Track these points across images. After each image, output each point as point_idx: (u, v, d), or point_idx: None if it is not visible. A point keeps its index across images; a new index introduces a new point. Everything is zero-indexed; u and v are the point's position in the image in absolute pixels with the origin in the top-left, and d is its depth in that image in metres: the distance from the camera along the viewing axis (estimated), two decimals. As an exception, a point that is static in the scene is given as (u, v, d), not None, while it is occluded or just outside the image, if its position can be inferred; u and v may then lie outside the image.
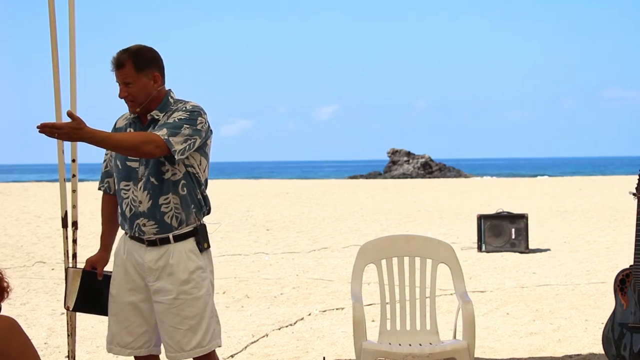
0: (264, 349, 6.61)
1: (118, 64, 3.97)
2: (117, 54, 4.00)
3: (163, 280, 4.03)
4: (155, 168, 3.97)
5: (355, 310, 4.81)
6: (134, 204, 4.02)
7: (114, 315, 4.18)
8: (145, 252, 4.06)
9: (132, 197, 4.03)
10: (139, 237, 4.06)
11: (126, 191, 4.05)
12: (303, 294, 9.16)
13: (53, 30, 4.87)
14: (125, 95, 3.99)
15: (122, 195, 4.07)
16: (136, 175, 4.01)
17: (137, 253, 4.08)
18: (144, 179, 3.99)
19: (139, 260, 4.07)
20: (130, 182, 4.03)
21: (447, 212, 20.56)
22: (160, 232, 4.01)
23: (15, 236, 15.43)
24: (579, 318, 7.62)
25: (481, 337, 6.74)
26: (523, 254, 12.46)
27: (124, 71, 3.96)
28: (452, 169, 54.76)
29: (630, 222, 16.04)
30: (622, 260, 11.13)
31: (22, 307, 8.48)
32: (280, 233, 15.80)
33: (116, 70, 3.98)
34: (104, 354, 6.59)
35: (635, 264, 5.28)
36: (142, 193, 3.99)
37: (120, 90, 4.00)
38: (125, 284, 4.11)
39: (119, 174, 4.08)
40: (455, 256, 5.16)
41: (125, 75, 3.96)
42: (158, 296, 4.05)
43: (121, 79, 3.98)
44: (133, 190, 4.02)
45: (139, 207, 4.01)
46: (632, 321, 5.29)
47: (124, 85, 3.98)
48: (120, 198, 4.09)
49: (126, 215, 4.06)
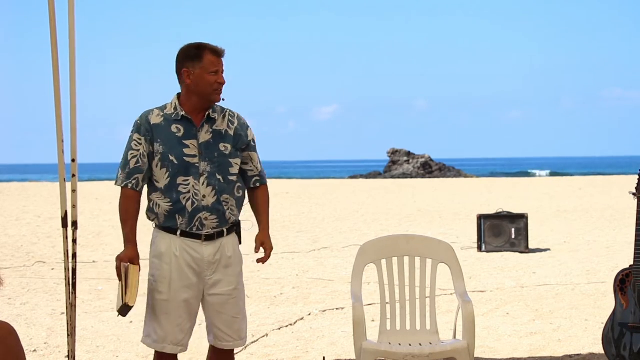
0: (264, 349, 6.61)
1: (223, 53, 4.22)
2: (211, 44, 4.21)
3: (221, 273, 4.23)
4: (224, 168, 4.21)
5: (355, 310, 4.81)
6: (196, 198, 4.16)
7: (166, 314, 4.22)
8: (202, 247, 4.20)
9: (194, 192, 4.16)
10: (196, 232, 4.17)
11: (185, 186, 4.16)
12: (303, 294, 9.16)
13: (53, 30, 4.87)
14: (224, 82, 4.22)
15: (180, 190, 4.16)
16: (197, 171, 4.17)
17: (192, 249, 4.19)
18: (207, 175, 4.17)
19: (196, 256, 4.19)
20: (190, 177, 4.17)
21: (447, 212, 20.56)
22: (219, 226, 4.20)
23: (15, 236, 15.43)
24: (579, 318, 7.62)
25: (481, 337, 6.74)
26: (523, 253, 12.46)
27: (223, 61, 4.23)
28: (452, 169, 54.74)
29: (630, 222, 16.03)
30: (622, 260, 11.13)
31: (22, 307, 8.48)
32: (280, 233, 15.80)
33: (220, 58, 4.22)
34: (104, 353, 6.59)
35: (635, 264, 5.29)
36: (205, 188, 4.16)
37: (221, 76, 4.21)
38: (179, 282, 4.19)
39: (174, 169, 4.16)
40: (455, 256, 5.16)
41: (223, 64, 4.24)
42: (217, 289, 4.23)
43: (222, 67, 4.22)
44: (194, 185, 4.17)
45: (202, 202, 4.16)
46: (632, 321, 5.29)
47: (222, 73, 4.22)
48: (177, 193, 4.16)
49: (186, 209, 4.15)
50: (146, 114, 4.25)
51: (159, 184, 4.20)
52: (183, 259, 4.18)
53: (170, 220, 4.20)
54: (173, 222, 4.19)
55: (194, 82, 4.20)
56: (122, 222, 4.26)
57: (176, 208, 4.17)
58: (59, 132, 4.93)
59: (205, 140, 4.21)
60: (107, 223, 17.85)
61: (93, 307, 8.51)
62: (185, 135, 4.20)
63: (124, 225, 4.26)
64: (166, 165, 4.18)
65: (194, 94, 4.22)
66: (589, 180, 41.57)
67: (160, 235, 4.24)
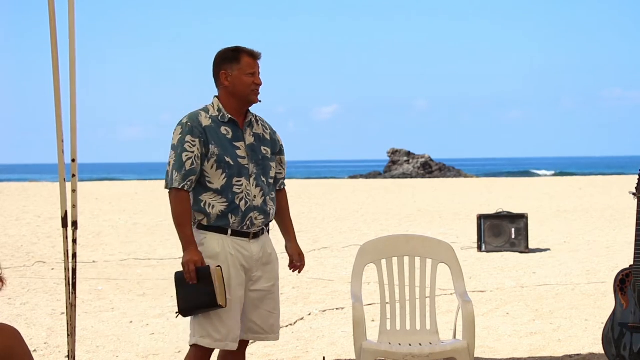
0: (264, 349, 6.61)
1: (259, 56, 4.36)
2: (248, 47, 4.34)
3: (262, 270, 4.37)
4: (267, 170, 4.40)
5: (355, 310, 4.82)
6: (248, 198, 4.29)
7: (228, 312, 4.25)
8: (250, 245, 4.32)
9: (246, 192, 4.29)
10: (245, 230, 4.28)
11: (239, 187, 4.27)
12: (303, 294, 9.16)
13: (53, 30, 4.87)
14: (261, 83, 4.35)
15: (234, 190, 4.26)
16: (247, 172, 4.30)
17: (242, 247, 4.30)
18: (254, 176, 4.33)
19: (246, 254, 4.30)
20: (242, 178, 4.29)
21: (447, 212, 20.56)
22: (263, 224, 4.37)
23: (15, 236, 15.43)
24: (579, 318, 7.62)
25: (481, 337, 6.74)
26: (523, 253, 12.47)
27: (259, 63, 4.36)
28: (452, 169, 54.74)
29: (630, 222, 16.02)
30: (622, 260, 11.13)
31: (22, 307, 8.48)
32: (280, 233, 15.80)
33: (257, 60, 4.34)
34: (104, 353, 6.59)
35: (635, 264, 5.29)
36: (254, 189, 4.32)
37: (258, 77, 4.33)
38: (236, 279, 4.27)
39: (230, 170, 4.26)
40: (455, 256, 5.16)
41: (259, 67, 4.36)
42: (258, 284, 4.36)
43: (259, 69, 4.34)
44: (246, 186, 4.29)
45: (253, 202, 4.30)
46: (632, 321, 5.29)
47: (259, 75, 4.34)
48: (232, 193, 4.25)
49: (240, 209, 4.26)
50: (195, 116, 4.29)
51: (213, 185, 4.26)
52: (237, 258, 4.27)
53: (222, 219, 4.26)
54: (225, 222, 4.26)
55: (232, 84, 4.31)
56: (180, 225, 4.24)
57: (231, 208, 4.25)
58: (59, 132, 4.93)
59: (250, 142, 4.35)
60: (107, 223, 17.85)
61: (93, 307, 8.51)
62: (234, 137, 4.32)
63: (183, 228, 4.23)
64: (222, 167, 4.26)
65: (232, 95, 4.33)
66: (589, 180, 41.59)
67: (210, 236, 4.27)
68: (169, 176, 4.28)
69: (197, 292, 4.16)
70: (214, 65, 4.37)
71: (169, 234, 15.76)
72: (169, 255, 12.64)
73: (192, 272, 4.15)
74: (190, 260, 4.16)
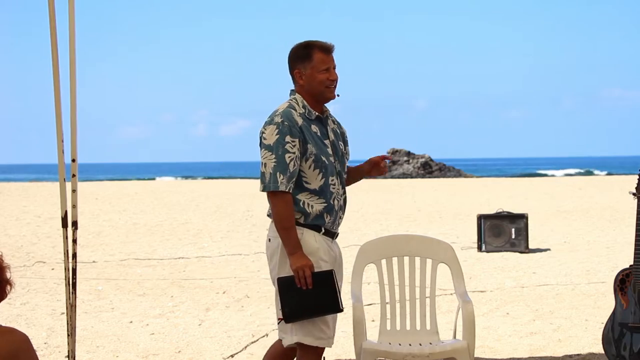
0: (264, 349, 6.60)
1: (332, 49, 4.25)
2: (320, 41, 4.23)
3: (339, 270, 4.34)
4: (345, 167, 4.38)
5: (355, 310, 4.81)
6: (339, 197, 4.30)
7: None
8: (333, 245, 4.32)
9: (337, 191, 4.28)
10: (333, 230, 4.28)
11: (333, 186, 4.26)
12: (303, 294, 9.15)
13: (53, 30, 4.87)
14: (337, 78, 4.25)
15: (330, 190, 4.23)
16: (334, 170, 4.29)
17: (330, 247, 4.28)
18: (339, 174, 4.33)
19: (332, 254, 4.28)
20: (334, 177, 4.27)
21: (447, 212, 20.56)
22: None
23: (15, 236, 15.43)
24: (579, 318, 7.62)
25: (481, 337, 6.74)
26: (523, 253, 12.47)
27: (333, 56, 4.26)
28: (452, 169, 54.73)
29: (630, 222, 16.03)
30: (622, 260, 11.13)
31: (22, 307, 8.48)
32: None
33: (330, 54, 4.24)
34: (104, 354, 6.59)
35: (635, 264, 5.29)
36: (340, 187, 4.32)
37: (333, 72, 4.24)
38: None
39: (326, 169, 4.22)
40: (455, 256, 5.16)
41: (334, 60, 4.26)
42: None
43: (333, 63, 4.24)
44: (336, 185, 4.29)
45: (341, 201, 4.32)
46: (632, 321, 5.30)
47: (333, 69, 4.24)
48: (329, 193, 4.22)
49: (335, 209, 4.25)
50: (289, 114, 4.18)
51: (310, 186, 4.18)
52: (329, 256, 4.25)
53: (319, 219, 4.21)
54: (322, 221, 4.22)
55: (306, 82, 4.23)
56: (285, 228, 4.11)
57: (328, 207, 4.22)
58: (59, 132, 4.93)
59: (332, 139, 4.30)
60: (107, 223, 17.85)
61: (93, 307, 8.51)
62: (322, 135, 4.26)
63: (289, 231, 4.11)
64: (319, 167, 4.19)
65: (308, 93, 4.25)
66: (589, 180, 41.59)
67: (306, 232, 4.18)
68: (269, 178, 4.11)
69: (312, 297, 4.08)
70: (288, 63, 4.29)
71: (169, 234, 15.77)
72: (169, 255, 12.64)
73: (309, 277, 4.08)
74: (306, 266, 4.08)
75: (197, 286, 9.76)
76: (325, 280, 4.09)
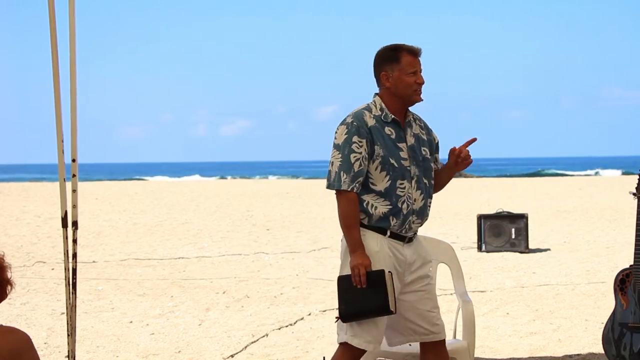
0: (264, 349, 6.61)
1: (420, 52, 4.27)
2: (408, 44, 4.25)
3: (419, 270, 4.28)
4: (428, 172, 4.32)
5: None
6: (409, 201, 4.22)
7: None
8: (404, 249, 4.24)
9: (408, 195, 4.22)
10: (403, 234, 4.22)
11: (402, 189, 4.21)
12: (303, 294, 9.16)
13: (53, 30, 4.87)
14: (423, 82, 4.26)
15: (397, 193, 4.20)
16: (409, 175, 4.23)
17: (397, 251, 4.22)
18: (416, 179, 4.25)
19: (400, 258, 4.22)
20: (405, 181, 4.21)
21: (447, 212, 20.55)
22: (418, 228, 4.31)
23: (15, 236, 15.43)
24: (579, 318, 7.62)
25: (481, 337, 6.74)
26: (523, 253, 12.47)
27: (420, 60, 4.27)
28: (452, 169, 54.66)
29: (630, 222, 16.01)
30: (622, 260, 11.12)
31: (22, 307, 8.48)
32: (280, 233, 15.81)
33: (418, 57, 4.26)
34: (104, 354, 6.59)
35: (635, 264, 5.29)
36: (416, 192, 4.25)
37: (420, 76, 4.25)
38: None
39: (394, 172, 4.19)
40: (455, 256, 5.16)
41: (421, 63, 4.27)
42: (415, 285, 4.27)
43: (420, 66, 4.26)
44: (408, 189, 4.22)
45: (413, 205, 4.24)
46: (632, 321, 5.30)
47: (420, 72, 4.25)
48: (396, 196, 4.19)
49: (402, 212, 4.19)
50: (360, 115, 4.21)
51: (376, 187, 4.18)
52: (393, 259, 4.20)
53: (383, 221, 4.19)
54: (387, 224, 4.19)
55: (393, 85, 4.24)
56: (348, 227, 4.15)
57: (393, 210, 4.18)
58: (59, 132, 4.93)
59: (411, 143, 4.27)
60: (107, 223, 17.85)
61: (93, 307, 8.51)
62: (397, 138, 4.24)
63: (351, 229, 4.15)
64: (386, 169, 4.18)
65: (395, 96, 4.25)
66: (589, 180, 41.59)
67: (369, 234, 4.18)
68: (334, 177, 4.17)
69: (365, 296, 4.07)
70: (374, 66, 4.30)
71: (169, 233, 15.78)
72: (169, 255, 12.65)
73: (363, 275, 4.07)
74: (361, 264, 4.08)
75: (197, 286, 9.76)
76: (378, 280, 4.08)
